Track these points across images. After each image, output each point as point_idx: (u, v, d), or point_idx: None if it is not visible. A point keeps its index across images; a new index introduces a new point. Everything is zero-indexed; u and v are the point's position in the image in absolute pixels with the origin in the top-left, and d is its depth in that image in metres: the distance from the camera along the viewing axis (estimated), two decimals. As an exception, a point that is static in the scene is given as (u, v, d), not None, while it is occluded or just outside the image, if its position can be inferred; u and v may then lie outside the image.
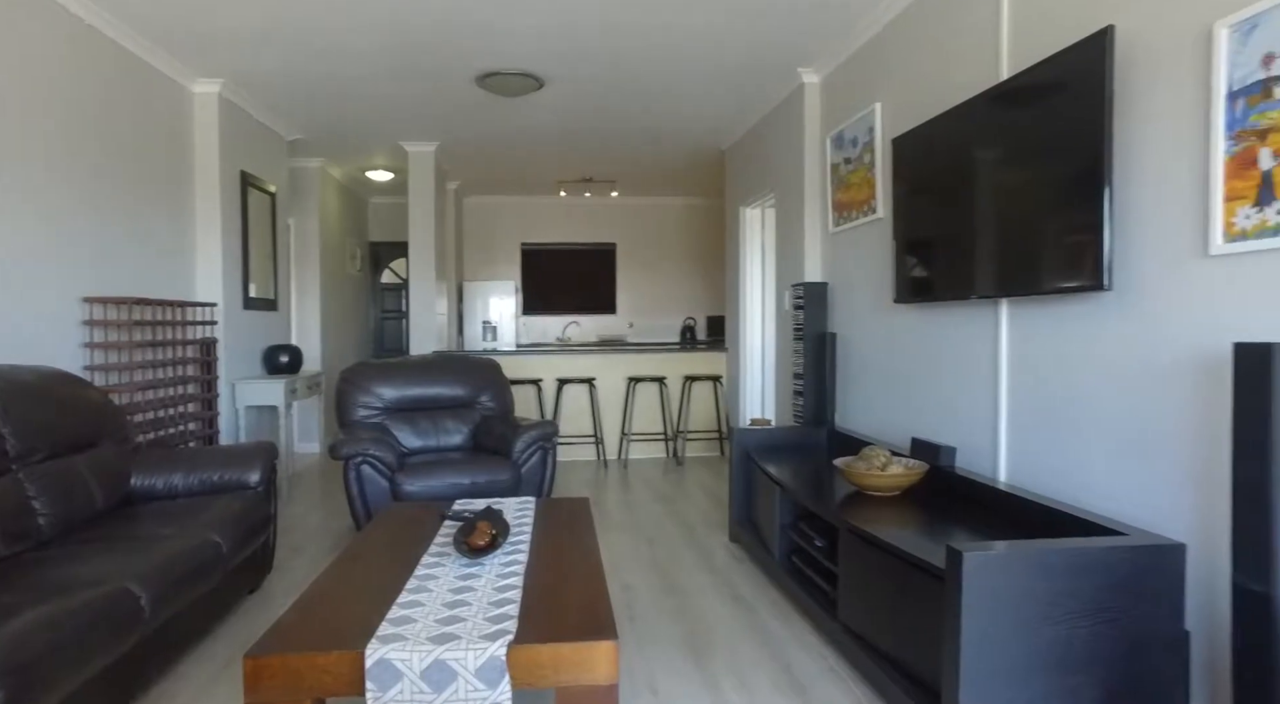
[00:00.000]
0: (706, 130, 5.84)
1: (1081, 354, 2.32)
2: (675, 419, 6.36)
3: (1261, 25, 1.73)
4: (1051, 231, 2.32)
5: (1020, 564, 1.75)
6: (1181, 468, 1.97)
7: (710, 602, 3.01)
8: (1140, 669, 1.81)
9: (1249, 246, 1.77)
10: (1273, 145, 1.71)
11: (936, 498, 2.73)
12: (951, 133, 2.85)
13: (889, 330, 3.55)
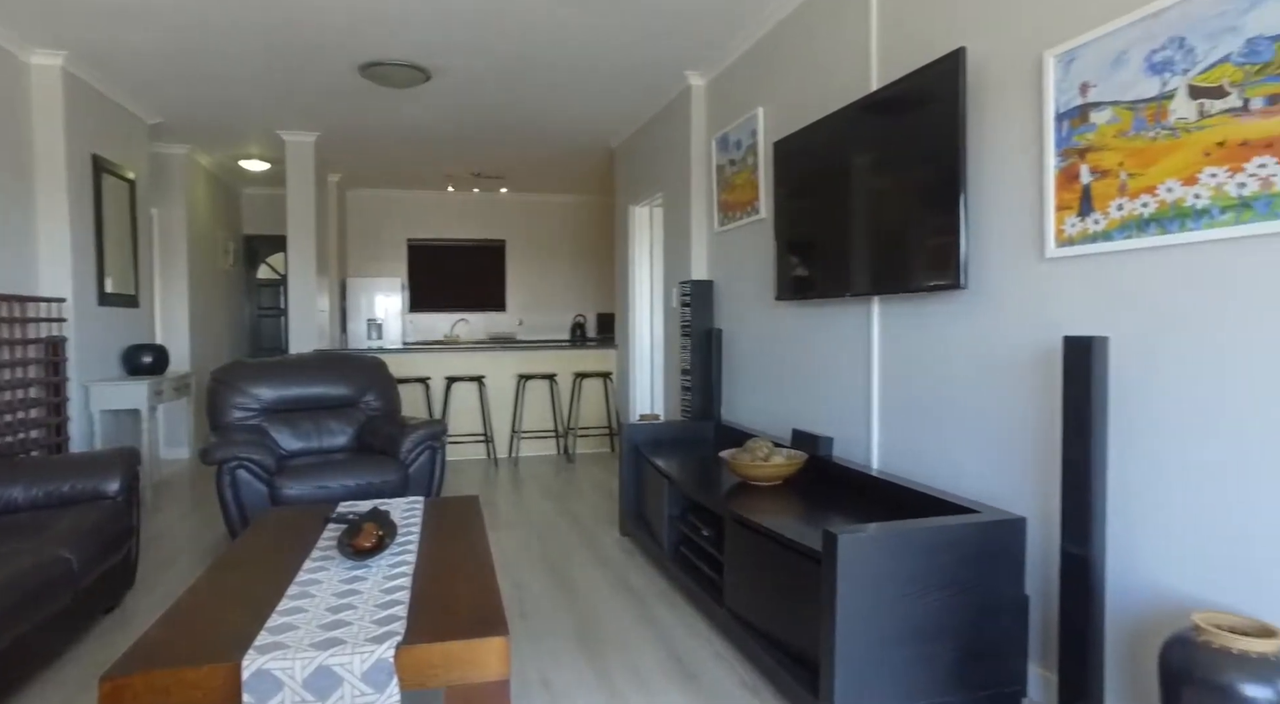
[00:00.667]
0: (596, 128, 5.88)
1: (942, 348, 2.52)
2: (566, 416, 6.38)
3: (1079, 58, 1.94)
4: (916, 234, 2.51)
5: (887, 544, 1.89)
6: (1026, 450, 2.19)
7: (602, 595, 3.06)
8: (988, 632, 1.99)
9: (1075, 251, 1.98)
10: (1091, 162, 1.92)
11: (816, 486, 2.89)
12: (828, 139, 3.01)
13: (771, 327, 3.71)
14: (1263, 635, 1.51)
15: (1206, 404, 1.69)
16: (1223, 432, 1.65)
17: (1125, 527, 1.88)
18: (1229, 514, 1.65)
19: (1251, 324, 1.59)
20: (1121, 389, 1.88)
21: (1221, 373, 1.65)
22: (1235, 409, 1.63)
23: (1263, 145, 1.55)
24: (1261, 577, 1.59)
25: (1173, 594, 1.77)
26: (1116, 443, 1.89)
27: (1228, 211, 1.61)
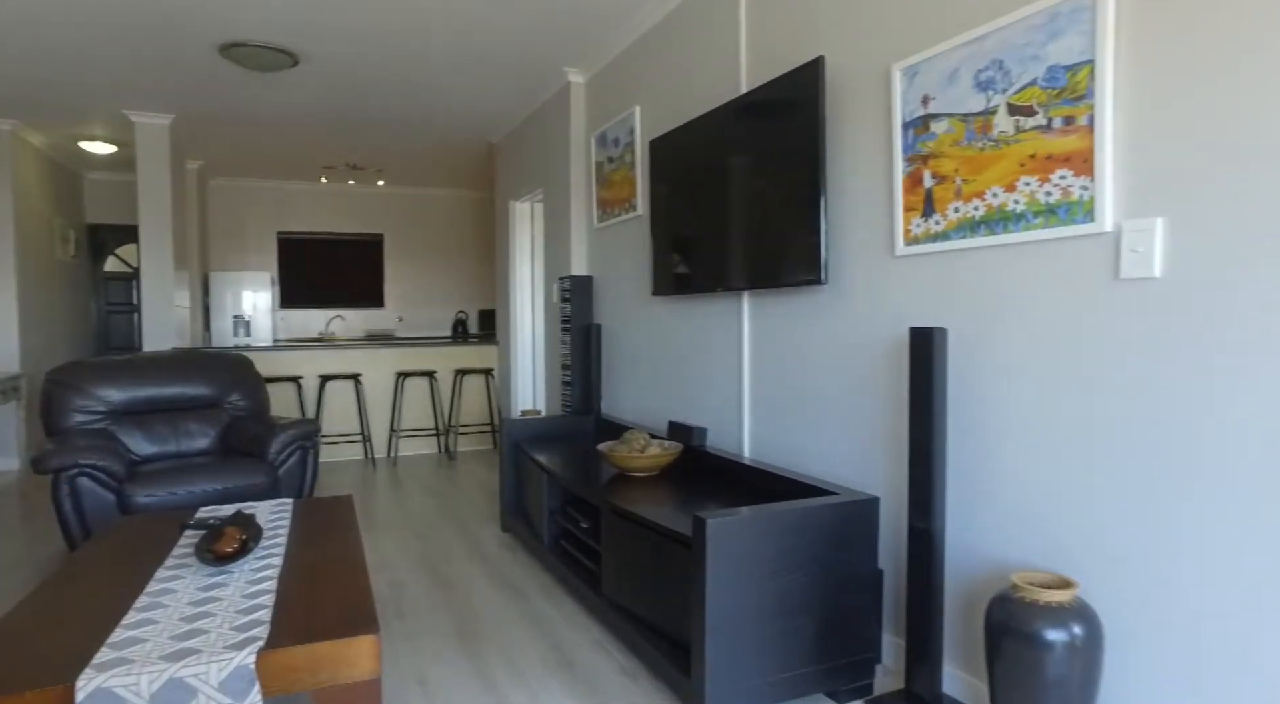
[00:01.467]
0: (477, 122, 5.80)
1: (806, 340, 2.67)
2: (447, 414, 6.26)
3: (921, 72, 2.12)
4: (781, 232, 2.65)
5: (752, 527, 1.99)
6: (880, 434, 2.36)
7: (481, 591, 3.05)
8: (846, 605, 2.14)
9: (920, 250, 2.16)
10: (932, 168, 2.10)
11: (691, 475, 2.99)
12: (700, 139, 3.12)
13: (649, 321, 3.80)
14: (1062, 587, 1.72)
15: (1024, 387, 1.89)
16: (1035, 412, 1.86)
17: (963, 502, 2.07)
18: (1043, 486, 1.85)
19: (1058, 315, 1.80)
20: (960, 376, 2.07)
21: (1035, 360, 1.86)
22: (1045, 391, 1.83)
23: (1062, 159, 1.75)
24: (1066, 538, 1.80)
25: (1002, 560, 1.97)
26: (956, 425, 2.08)
27: (1039, 216, 1.81)
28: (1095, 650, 1.66)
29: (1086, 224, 1.71)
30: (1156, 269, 1.59)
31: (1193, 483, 1.55)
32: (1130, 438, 1.66)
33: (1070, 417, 1.78)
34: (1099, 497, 1.73)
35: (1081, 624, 1.65)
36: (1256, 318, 1.44)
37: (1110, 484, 1.70)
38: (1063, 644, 1.64)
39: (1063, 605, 1.66)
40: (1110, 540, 1.71)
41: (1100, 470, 1.72)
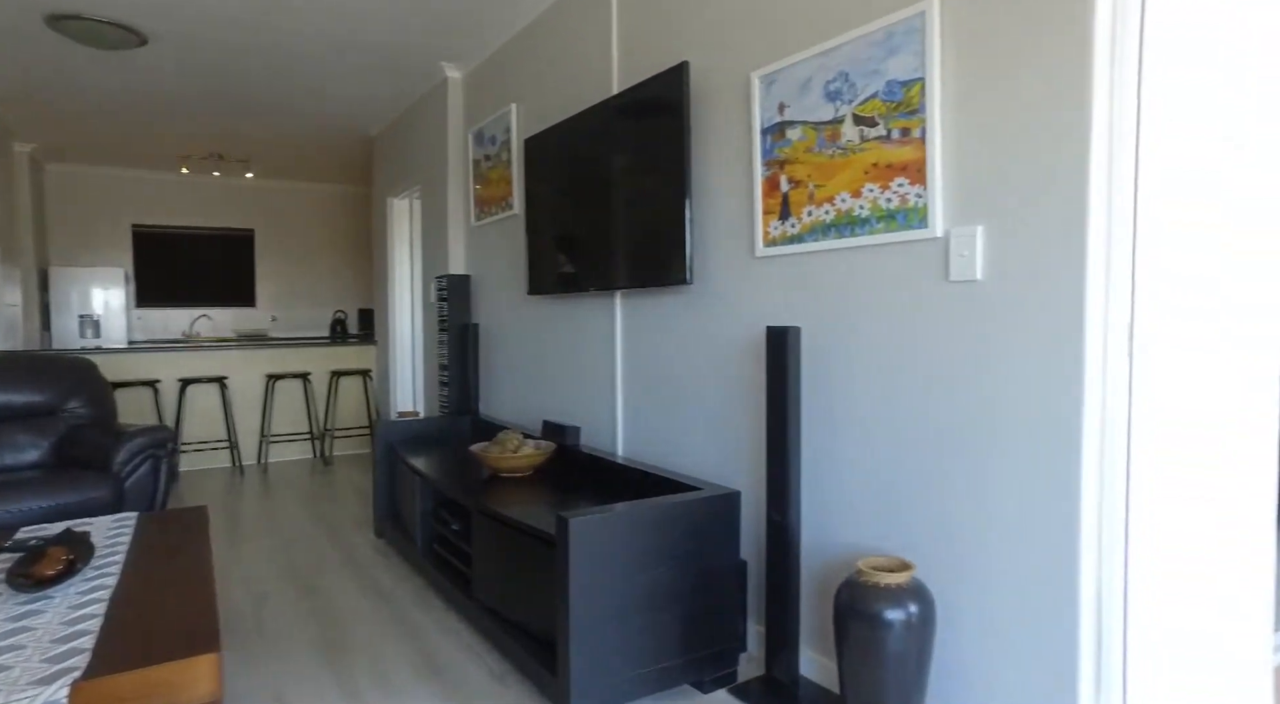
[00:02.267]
0: (352, 115, 5.57)
1: (676, 340, 2.72)
2: (323, 417, 6.00)
3: (778, 80, 2.21)
4: (650, 232, 2.69)
5: (616, 524, 2.02)
6: (744, 430, 2.44)
7: (350, 600, 2.94)
8: (710, 597, 2.20)
9: (778, 251, 2.25)
10: (788, 173, 2.19)
11: (565, 474, 3.00)
12: (573, 139, 3.12)
13: (526, 321, 3.77)
14: (901, 570, 1.83)
15: (870, 382, 2.00)
16: (879, 404, 1.97)
17: (819, 493, 2.18)
18: (886, 474, 1.97)
19: (898, 314, 1.91)
20: (814, 372, 2.17)
21: (879, 355, 1.97)
22: (888, 385, 1.95)
23: (900, 168, 1.87)
24: (907, 522, 1.92)
25: (854, 546, 2.08)
26: (811, 420, 2.18)
27: (881, 221, 1.93)
28: (929, 626, 1.78)
29: (921, 229, 1.83)
30: (978, 272, 1.72)
31: (1004, 463, 1.69)
32: (957, 426, 1.79)
33: (908, 408, 1.90)
34: (932, 481, 1.85)
35: (917, 603, 1.77)
36: (1052, 317, 1.58)
37: (940, 469, 1.83)
38: (900, 622, 1.75)
39: (901, 587, 1.77)
40: (942, 521, 1.84)
41: (932, 457, 1.85)
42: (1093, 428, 1.56)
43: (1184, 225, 1.74)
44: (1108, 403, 1.56)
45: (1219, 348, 1.86)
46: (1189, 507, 1.82)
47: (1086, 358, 1.55)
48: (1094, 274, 1.54)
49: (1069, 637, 1.60)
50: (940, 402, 1.83)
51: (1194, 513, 1.83)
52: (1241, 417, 1.96)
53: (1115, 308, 1.55)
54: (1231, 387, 1.91)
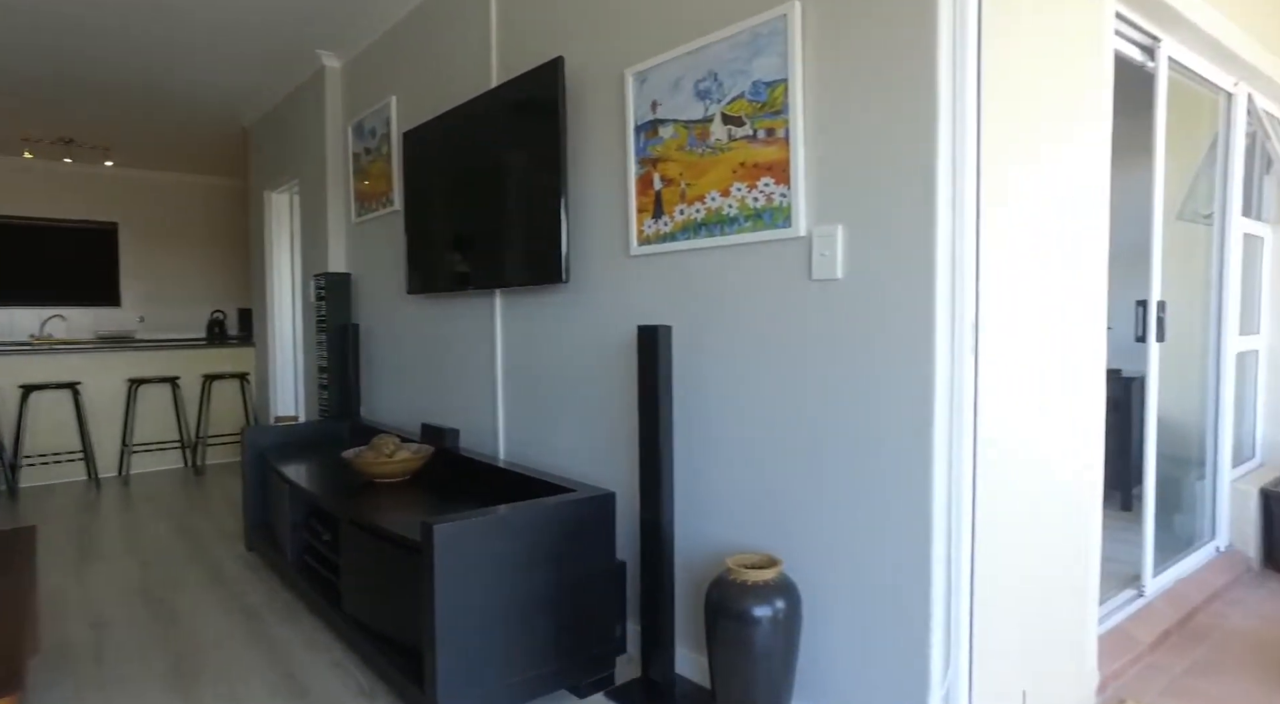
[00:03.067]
0: (225, 101, 5.24)
1: (554, 339, 2.67)
2: (195, 424, 5.61)
3: (650, 78, 2.20)
4: (527, 230, 2.63)
5: (484, 529, 1.95)
6: (620, 430, 2.41)
7: (210, 620, 2.74)
8: (586, 600, 2.16)
9: (652, 250, 2.23)
10: (661, 171, 2.18)
11: (443, 479, 2.89)
12: (452, 133, 3.02)
13: (407, 321, 3.63)
14: (769, 566, 1.85)
15: (740, 380, 2.01)
16: (749, 402, 1.99)
17: (693, 492, 2.17)
18: (758, 472, 1.98)
19: (766, 313, 1.93)
20: (687, 371, 2.16)
21: (748, 353, 1.98)
22: (758, 383, 1.96)
23: (766, 168, 1.88)
24: (776, 518, 1.94)
25: (728, 543, 2.09)
26: (684, 419, 2.18)
27: (749, 220, 1.94)
28: (795, 620, 1.80)
29: (786, 229, 1.85)
30: (839, 271, 1.75)
31: (865, 458, 1.73)
32: (822, 422, 1.82)
33: (776, 405, 1.92)
34: (800, 477, 1.88)
35: (784, 598, 1.78)
36: (905, 314, 1.62)
37: (806, 465, 1.86)
38: (767, 619, 1.76)
39: (768, 583, 1.78)
40: (809, 515, 1.86)
41: (800, 453, 1.87)
42: (941, 422, 1.62)
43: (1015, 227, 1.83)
44: (955, 397, 1.62)
45: (1050, 344, 1.97)
46: (1027, 494, 1.91)
47: (936, 354, 1.60)
48: (942, 273, 1.59)
49: (921, 619, 1.65)
50: (805, 398, 1.85)
51: (1032, 499, 1.93)
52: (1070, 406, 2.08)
53: (962, 305, 1.60)
54: (1060, 378, 2.03)
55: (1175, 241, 3.23)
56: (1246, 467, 3.67)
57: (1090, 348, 2.12)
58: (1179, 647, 2.65)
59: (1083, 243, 2.06)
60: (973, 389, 1.64)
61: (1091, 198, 2.08)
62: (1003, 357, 1.77)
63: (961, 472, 1.63)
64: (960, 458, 1.63)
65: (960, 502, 1.63)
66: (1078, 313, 2.06)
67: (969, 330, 1.61)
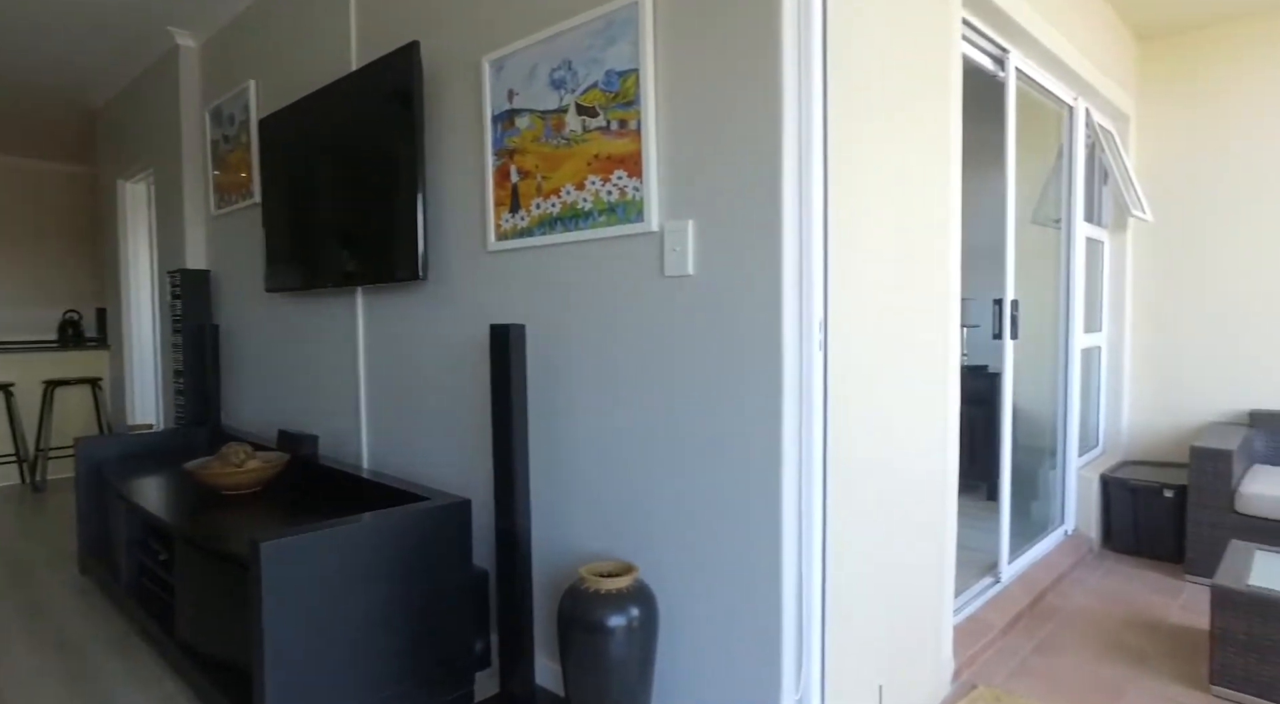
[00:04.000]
0: (71, 82, 4.78)
1: (415, 339, 2.54)
2: (34, 435, 5.11)
3: (507, 66, 2.11)
4: (385, 225, 2.48)
5: (321, 544, 1.81)
6: (479, 433, 2.31)
7: (19, 658, 2.46)
8: (442, 614, 2.05)
9: (509, 245, 2.14)
10: (517, 164, 2.10)
11: (298, 490, 2.71)
12: (310, 121, 2.84)
13: (267, 321, 3.40)
14: (624, 573, 1.80)
15: (596, 380, 1.95)
16: (605, 403, 1.93)
17: (551, 497, 2.10)
18: (616, 475, 1.93)
19: (620, 310, 1.88)
20: (543, 372, 2.09)
21: (602, 353, 1.92)
22: (612, 383, 1.91)
23: (619, 160, 1.83)
24: (631, 523, 1.89)
25: (586, 550, 2.03)
26: (541, 422, 2.10)
27: (603, 214, 1.88)
28: (651, 628, 1.75)
29: (639, 223, 1.80)
30: (690, 267, 1.72)
31: (718, 459, 1.70)
32: (678, 423, 1.78)
33: (634, 406, 1.87)
34: (656, 480, 1.83)
35: (639, 606, 1.73)
36: (755, 313, 1.60)
37: (664, 466, 1.81)
38: (622, 628, 1.71)
39: (622, 591, 1.73)
40: (665, 520, 1.82)
41: (658, 454, 1.83)
42: (790, 421, 1.60)
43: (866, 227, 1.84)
44: (804, 396, 1.61)
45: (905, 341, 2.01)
46: (883, 491, 1.94)
47: (784, 353, 1.58)
48: (789, 270, 1.58)
49: (774, 621, 1.63)
50: (662, 399, 1.81)
51: (888, 495, 1.96)
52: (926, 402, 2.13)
53: (810, 303, 1.59)
54: (915, 374, 2.07)
55: (1030, 244, 3.41)
56: (1091, 455, 3.91)
57: (945, 345, 2.18)
58: (1028, 628, 2.77)
59: (935, 242, 2.11)
60: (822, 388, 1.63)
61: (944, 198, 2.14)
62: (855, 355, 1.78)
63: (811, 471, 1.62)
64: (810, 457, 1.62)
65: (810, 502, 1.62)
66: (932, 311, 2.11)
67: (817, 328, 1.61)
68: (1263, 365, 3.74)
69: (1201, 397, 3.90)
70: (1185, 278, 3.93)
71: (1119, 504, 3.64)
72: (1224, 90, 3.80)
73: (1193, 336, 3.92)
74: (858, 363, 1.80)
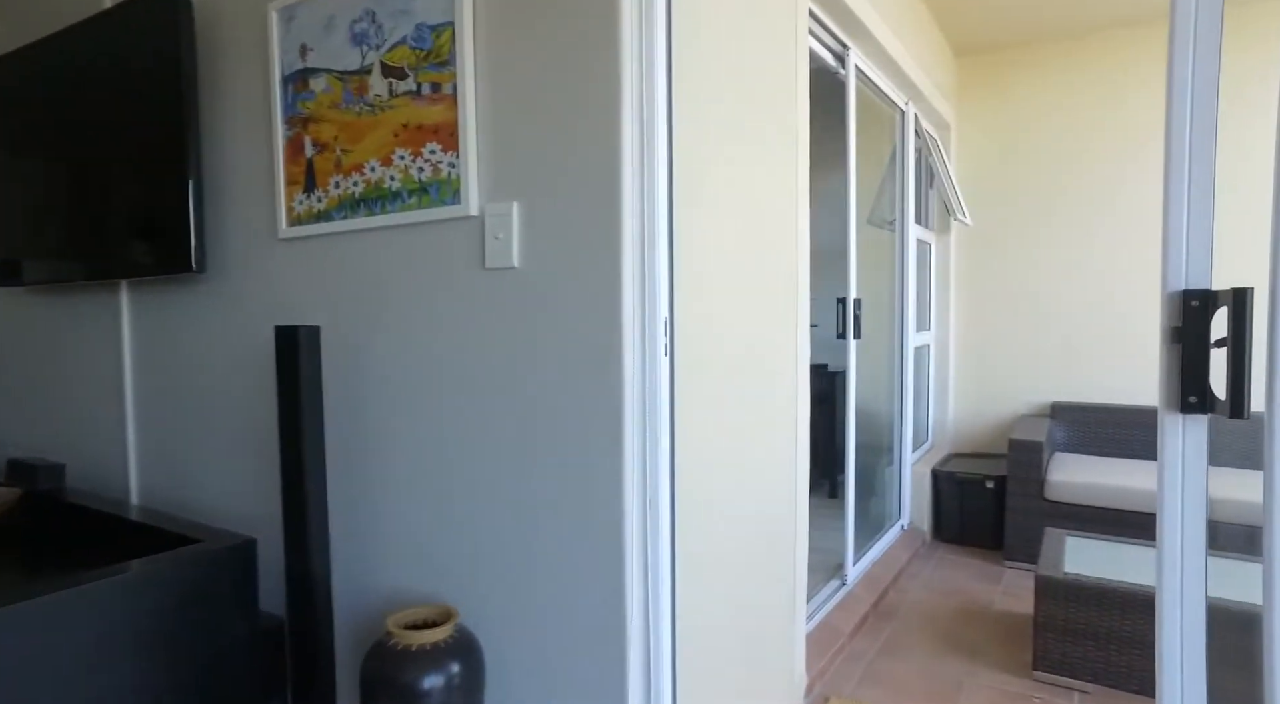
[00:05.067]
0: None
1: (196, 343, 2.11)
2: None
3: (299, 17, 1.76)
4: (149, 206, 2.03)
5: (57, 610, 1.39)
6: (272, 456, 1.94)
7: None
8: (226, 678, 1.67)
9: (304, 231, 1.79)
10: (313, 134, 1.75)
11: (39, 533, 2.18)
12: (50, 71, 2.29)
13: (11, 325, 2.77)
14: (443, 621, 1.52)
15: (410, 394, 1.65)
16: (420, 421, 1.64)
17: (361, 531, 1.77)
18: (437, 506, 1.64)
19: (436, 310, 1.59)
20: (346, 383, 1.76)
21: (418, 361, 1.63)
22: (430, 396, 1.62)
23: (432, 131, 1.55)
24: (450, 557, 1.61)
25: (404, 593, 1.72)
26: (343, 444, 1.77)
27: (414, 195, 1.59)
28: (475, 683, 1.49)
29: (455, 206, 1.53)
30: (515, 258, 1.47)
31: (552, 483, 1.46)
32: (508, 443, 1.52)
33: (454, 422, 1.59)
34: (482, 507, 1.57)
35: (460, 660, 1.46)
36: (590, 313, 1.39)
37: (491, 493, 1.55)
38: (439, 689, 1.42)
39: (439, 645, 1.45)
40: (493, 552, 1.56)
41: (484, 479, 1.56)
42: (634, 434, 1.40)
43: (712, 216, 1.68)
44: (649, 404, 1.41)
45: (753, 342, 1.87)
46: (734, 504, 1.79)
47: (626, 357, 1.37)
48: (630, 264, 1.37)
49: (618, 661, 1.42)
50: (485, 414, 1.55)
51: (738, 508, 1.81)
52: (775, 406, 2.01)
53: (655, 300, 1.39)
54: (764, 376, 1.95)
55: (869, 245, 3.45)
56: (923, 449, 4.06)
57: (794, 345, 2.07)
58: (873, 630, 2.76)
59: (784, 241, 1.99)
60: (669, 397, 1.44)
61: (792, 194, 2.03)
62: (704, 360, 1.61)
63: (658, 493, 1.42)
64: (656, 476, 1.42)
65: (658, 529, 1.43)
66: (780, 311, 1.99)
67: (662, 330, 1.41)
68: (1061, 360, 4.04)
69: (1015, 390, 4.16)
70: (998, 279, 4.18)
71: (948, 496, 3.79)
72: (1029, 105, 4.07)
73: (1005, 334, 4.18)
74: (706, 368, 1.63)
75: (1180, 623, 1.06)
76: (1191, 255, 1.01)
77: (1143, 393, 3.85)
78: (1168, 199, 1.02)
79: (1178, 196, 1.01)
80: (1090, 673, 2.39)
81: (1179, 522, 1.04)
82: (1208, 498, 1.03)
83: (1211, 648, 1.07)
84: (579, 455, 1.43)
